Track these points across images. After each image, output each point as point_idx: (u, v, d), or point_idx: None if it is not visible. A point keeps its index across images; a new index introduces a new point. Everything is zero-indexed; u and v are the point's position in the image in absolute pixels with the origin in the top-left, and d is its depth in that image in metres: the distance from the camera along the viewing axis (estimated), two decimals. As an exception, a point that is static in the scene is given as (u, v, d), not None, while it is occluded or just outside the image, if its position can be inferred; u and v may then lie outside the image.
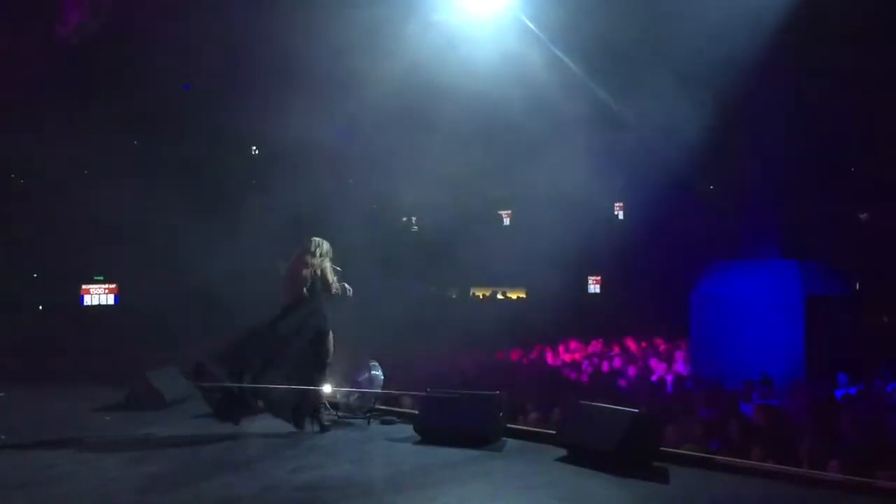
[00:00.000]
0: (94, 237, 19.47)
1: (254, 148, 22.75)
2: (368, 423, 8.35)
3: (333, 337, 8.16)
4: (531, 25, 14.24)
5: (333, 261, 8.26)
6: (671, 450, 6.88)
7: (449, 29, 13.92)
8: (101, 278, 23.02)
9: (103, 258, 21.13)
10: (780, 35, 12.16)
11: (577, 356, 15.12)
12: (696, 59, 12.42)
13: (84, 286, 22.70)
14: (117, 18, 15.28)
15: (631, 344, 15.97)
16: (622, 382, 11.91)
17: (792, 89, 12.84)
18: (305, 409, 7.98)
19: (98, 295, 23.03)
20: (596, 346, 15.55)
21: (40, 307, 20.56)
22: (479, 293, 26.98)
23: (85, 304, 22.60)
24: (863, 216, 21.81)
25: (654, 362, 13.69)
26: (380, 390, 8.65)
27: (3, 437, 7.76)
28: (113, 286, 23.08)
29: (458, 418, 7.50)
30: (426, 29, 13.92)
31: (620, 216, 26.42)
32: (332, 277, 8.05)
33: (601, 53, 14.77)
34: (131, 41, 16.48)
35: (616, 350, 15.53)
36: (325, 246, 8.19)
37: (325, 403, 8.30)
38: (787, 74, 12.89)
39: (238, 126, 19.02)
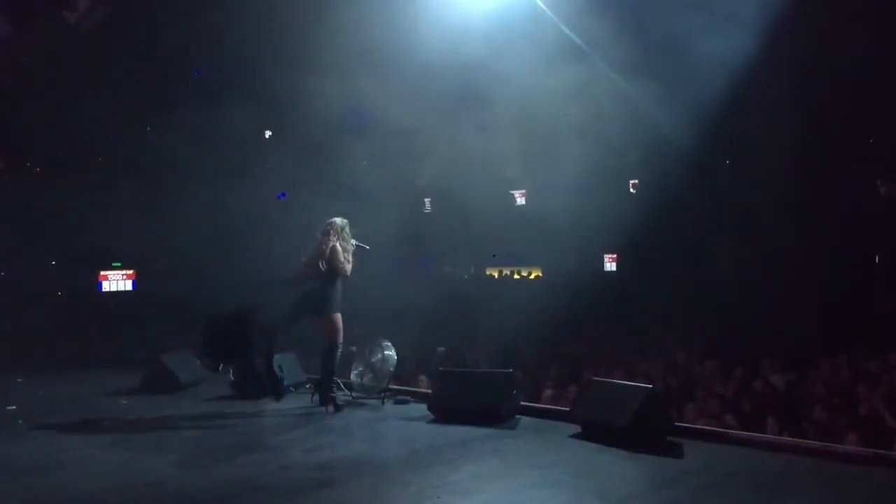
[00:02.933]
0: (112, 223, 19.58)
1: (267, 132, 22.70)
2: (382, 402, 8.38)
3: (342, 318, 8.19)
4: (542, 4, 14.10)
5: (351, 236, 8.26)
6: (685, 424, 6.86)
7: (460, 6, 13.80)
8: (119, 264, 23.15)
9: (121, 244, 21.25)
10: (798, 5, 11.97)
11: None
12: (709, 29, 12.25)
13: (102, 272, 22.84)
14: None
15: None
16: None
17: (808, 59, 12.64)
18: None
19: (116, 281, 23.17)
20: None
21: (59, 293, 20.71)
22: (494, 273, 26.91)
23: (103, 289, 22.75)
24: (882, 188, 21.50)
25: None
26: (393, 370, 8.66)
27: (20, 421, 7.85)
28: (130, 272, 23.21)
29: (472, 397, 7.50)
30: (437, 6, 13.80)
31: (634, 192, 26.18)
32: (342, 257, 8.02)
33: (612, 28, 14.60)
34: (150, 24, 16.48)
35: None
36: (338, 223, 8.18)
37: (338, 383, 8.34)
38: (803, 44, 12.68)
39: (252, 109, 19.00)
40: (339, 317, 8.12)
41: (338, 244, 8.04)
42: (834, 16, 12.48)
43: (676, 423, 6.79)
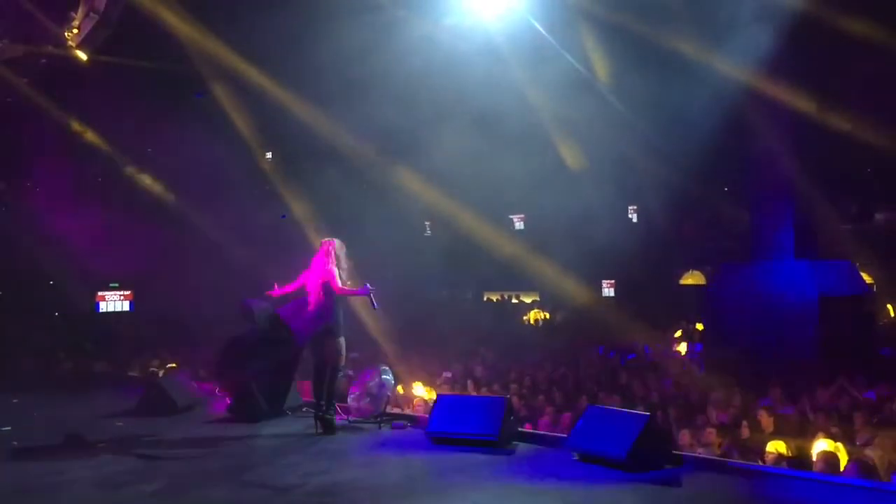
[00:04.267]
0: (109, 244, 19.60)
1: (268, 154, 22.80)
2: (379, 427, 8.33)
3: (345, 342, 8.18)
4: (541, 29, 14.23)
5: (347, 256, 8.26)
6: (683, 453, 6.83)
7: (459, 32, 13.93)
8: (117, 285, 23.12)
9: (119, 265, 21.26)
10: (791, 31, 12.09)
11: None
12: (706, 58, 12.38)
13: (99, 293, 22.80)
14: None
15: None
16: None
17: (804, 86, 12.71)
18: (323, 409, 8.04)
19: (113, 301, 23.14)
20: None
21: (56, 314, 20.69)
22: (493, 297, 26.90)
23: (100, 310, 22.70)
24: (878, 216, 21.61)
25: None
26: (391, 394, 8.63)
27: (15, 442, 7.80)
28: (128, 293, 23.18)
29: (469, 422, 7.46)
30: (437, 32, 13.93)
31: (634, 219, 26.25)
32: (339, 282, 8.00)
33: (611, 55, 14.74)
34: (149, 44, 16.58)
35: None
36: (336, 244, 8.19)
37: (336, 407, 8.30)
38: (799, 70, 12.78)
39: (252, 130, 19.10)
40: (342, 340, 8.11)
41: (334, 268, 8.02)
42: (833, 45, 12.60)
43: (674, 452, 6.76)
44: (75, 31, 13.60)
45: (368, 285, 7.92)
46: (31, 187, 21.91)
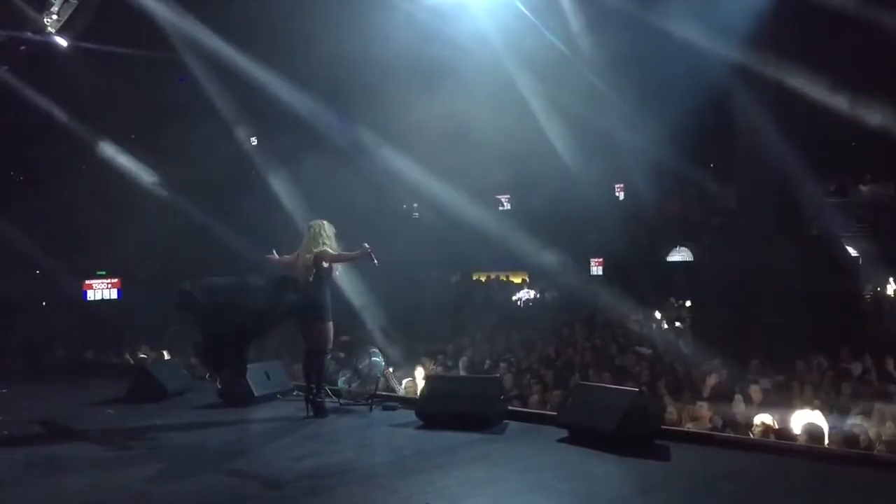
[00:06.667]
0: (96, 231, 19.48)
1: (252, 138, 22.66)
2: (370, 409, 8.36)
3: (333, 325, 8.19)
4: (522, 7, 14.17)
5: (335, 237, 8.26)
6: (672, 428, 6.89)
7: (441, 9, 13.85)
8: (104, 273, 22.97)
9: (106, 252, 21.12)
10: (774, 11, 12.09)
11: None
12: (690, 36, 12.35)
13: (87, 281, 22.65)
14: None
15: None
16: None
17: (786, 61, 12.71)
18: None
19: (101, 289, 22.99)
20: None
21: (43, 303, 20.54)
22: (482, 277, 26.89)
23: (88, 298, 22.56)
24: (864, 188, 21.71)
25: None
26: (381, 376, 8.66)
27: (5, 431, 7.78)
28: (115, 280, 23.03)
29: (460, 402, 7.50)
30: (418, 9, 13.85)
31: (621, 197, 26.30)
32: (332, 252, 7.99)
33: (591, 31, 14.69)
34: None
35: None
36: (316, 228, 8.17)
37: (326, 389, 8.32)
38: (781, 46, 12.78)
39: (234, 114, 18.95)
40: (331, 324, 8.12)
41: (325, 246, 8.04)
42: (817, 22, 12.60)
43: (663, 427, 6.82)
44: (55, 16, 13.45)
45: (366, 245, 7.93)
46: (14, 175, 21.72)
